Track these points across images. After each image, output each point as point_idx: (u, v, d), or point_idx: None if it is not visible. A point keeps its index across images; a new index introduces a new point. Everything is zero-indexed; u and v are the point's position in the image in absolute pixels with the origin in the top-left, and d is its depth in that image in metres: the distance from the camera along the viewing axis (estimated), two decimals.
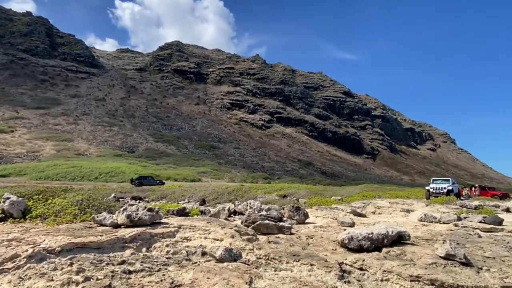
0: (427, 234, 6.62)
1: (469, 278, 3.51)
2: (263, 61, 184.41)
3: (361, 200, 14.37)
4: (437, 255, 4.20)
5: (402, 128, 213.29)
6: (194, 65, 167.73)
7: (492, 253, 4.99)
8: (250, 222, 6.25)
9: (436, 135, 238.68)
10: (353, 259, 4.04)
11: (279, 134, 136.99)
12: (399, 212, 11.16)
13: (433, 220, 8.92)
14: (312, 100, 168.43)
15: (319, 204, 12.08)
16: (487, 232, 7.70)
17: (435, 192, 21.77)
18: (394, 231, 4.86)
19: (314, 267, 3.75)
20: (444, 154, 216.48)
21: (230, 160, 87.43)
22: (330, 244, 5.16)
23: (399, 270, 3.64)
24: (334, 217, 8.20)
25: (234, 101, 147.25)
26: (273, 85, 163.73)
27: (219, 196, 16.99)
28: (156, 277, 3.33)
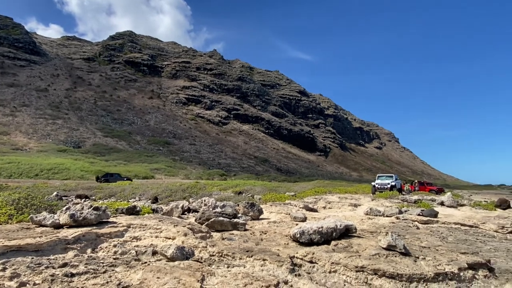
0: (372, 227, 7.06)
1: (408, 267, 3.81)
2: (220, 56, 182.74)
3: (313, 196, 14.91)
4: (380, 247, 4.49)
5: (352, 127, 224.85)
6: (148, 57, 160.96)
7: (428, 243, 5.47)
8: (204, 219, 6.19)
9: (382, 134, 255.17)
10: (303, 252, 4.18)
11: (236, 131, 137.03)
12: (348, 206, 11.77)
13: (378, 213, 9.54)
14: (269, 98, 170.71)
15: (273, 200, 12.31)
16: (424, 224, 8.42)
17: (380, 188, 23.28)
18: (342, 225, 5.12)
19: (267, 262, 3.82)
20: (389, 152, 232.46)
21: (185, 156, 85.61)
22: (282, 239, 5.29)
23: (345, 262, 3.84)
24: (288, 213, 8.41)
25: (190, 96, 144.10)
26: (230, 81, 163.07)
27: (172, 193, 16.56)
28: (101, 279, 3.16)
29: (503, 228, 7.69)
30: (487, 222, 8.31)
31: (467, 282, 3.79)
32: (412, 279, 3.58)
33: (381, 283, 3.52)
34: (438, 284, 3.59)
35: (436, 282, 3.63)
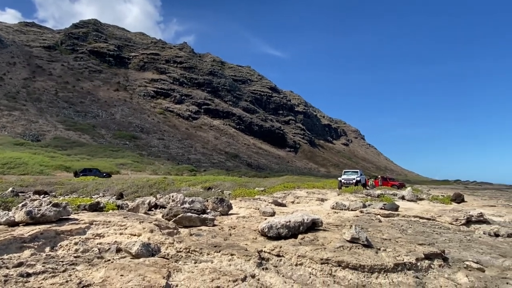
0: (337, 221, 7.30)
1: (369, 258, 3.98)
2: (191, 50, 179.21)
3: (282, 191, 15.13)
4: (344, 239, 4.65)
5: (321, 124, 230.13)
6: (114, 48, 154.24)
7: (389, 235, 5.74)
8: (172, 215, 6.08)
9: (349, 132, 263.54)
10: (271, 246, 4.23)
11: (206, 126, 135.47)
12: (315, 201, 12.07)
13: (343, 207, 9.87)
14: (240, 93, 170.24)
15: (243, 195, 12.35)
16: (386, 217, 8.84)
17: (346, 183, 24.10)
18: (309, 219, 5.24)
19: (235, 257, 3.83)
20: (355, 148, 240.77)
21: (153, 151, 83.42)
22: (251, 233, 5.32)
23: (311, 255, 3.93)
24: (257, 208, 8.47)
25: (159, 90, 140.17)
26: (201, 75, 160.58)
27: (139, 189, 16.09)
28: (60, 278, 3.01)
29: (457, 220, 8.24)
30: (443, 215, 8.86)
31: (423, 271, 4.03)
32: (373, 270, 3.74)
33: (344, 275, 3.65)
34: (397, 274, 3.79)
35: (395, 272, 3.82)
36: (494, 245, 6.14)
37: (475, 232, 7.35)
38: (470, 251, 5.43)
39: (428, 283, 3.75)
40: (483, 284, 3.91)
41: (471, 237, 6.75)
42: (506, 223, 9.05)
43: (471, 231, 7.50)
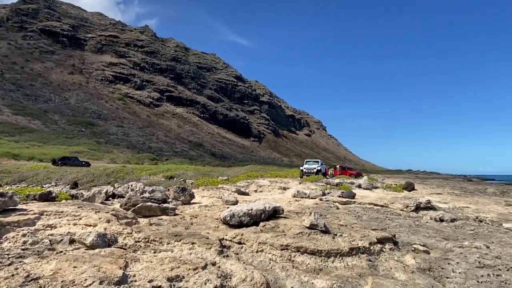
0: (298, 208, 7.50)
1: (327, 243, 4.15)
2: (153, 33, 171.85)
3: (246, 180, 15.24)
4: (304, 226, 4.80)
5: (285, 115, 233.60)
6: (69, 27, 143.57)
7: (345, 222, 6.01)
8: (131, 205, 5.89)
9: (312, 123, 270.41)
10: (233, 234, 4.25)
11: (169, 113, 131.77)
12: (277, 189, 12.30)
13: (304, 196, 10.16)
14: (204, 81, 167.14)
15: (206, 184, 12.27)
16: (344, 204, 9.24)
17: (307, 172, 24.82)
18: (270, 207, 5.33)
19: (196, 245, 3.80)
20: (317, 139, 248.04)
21: (111, 139, 79.78)
22: (213, 222, 5.31)
23: (272, 241, 4.02)
24: (220, 197, 8.46)
25: (118, 74, 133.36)
26: (164, 61, 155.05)
27: (95, 178, 15.35)
28: (5, 272, 2.80)
29: (407, 207, 8.84)
30: (395, 202, 9.45)
31: (376, 255, 4.29)
32: (330, 254, 3.91)
33: (303, 259, 3.78)
34: (352, 258, 3.99)
35: (350, 256, 4.02)
36: (439, 229, 6.68)
37: (423, 218, 7.93)
38: (418, 235, 5.85)
39: (379, 265, 4.00)
40: (428, 264, 4.24)
41: (419, 223, 7.27)
42: (450, 209, 9.87)
43: (419, 217, 8.08)
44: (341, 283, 3.24)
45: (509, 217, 8.99)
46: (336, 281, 3.26)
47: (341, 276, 3.46)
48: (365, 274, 3.59)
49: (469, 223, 7.49)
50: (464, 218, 7.98)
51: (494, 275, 3.99)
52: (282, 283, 3.20)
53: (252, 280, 3.03)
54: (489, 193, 21.07)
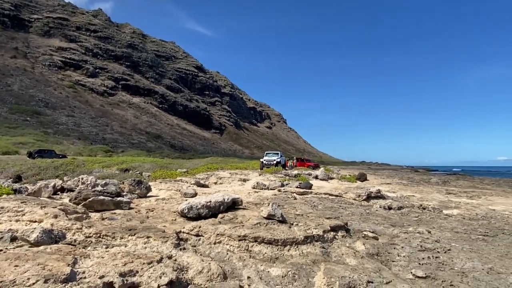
0: (257, 199, 7.61)
1: (283, 233, 4.26)
2: (107, 18, 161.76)
3: (206, 172, 15.10)
4: (262, 216, 4.88)
5: (246, 107, 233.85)
6: (11, 7, 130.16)
7: (301, 211, 6.21)
8: (81, 199, 5.58)
9: (272, 115, 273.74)
10: (190, 227, 4.21)
11: (124, 103, 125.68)
12: (237, 181, 12.35)
13: (263, 187, 10.32)
14: (163, 70, 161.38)
15: (164, 177, 11.96)
16: (301, 195, 9.52)
17: (267, 164, 25.21)
18: (229, 198, 5.34)
19: (151, 239, 3.71)
20: (278, 131, 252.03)
21: (61, 129, 74.48)
22: (170, 215, 5.21)
23: (230, 232, 4.04)
24: (178, 189, 8.30)
25: (68, 60, 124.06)
26: (119, 47, 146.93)
27: (42, 171, 14.29)
28: None
29: (359, 196, 9.34)
30: (349, 192, 9.94)
31: (329, 242, 4.49)
32: (286, 243, 4.03)
33: (260, 249, 3.85)
34: (306, 246, 4.14)
35: (305, 244, 4.17)
36: (387, 216, 7.15)
37: (373, 206, 8.43)
38: (368, 223, 6.22)
39: (332, 252, 4.19)
40: (376, 250, 4.53)
41: (370, 211, 7.73)
42: (398, 198, 10.60)
43: (370, 206, 8.58)
44: (295, 270, 3.36)
45: (449, 204, 9.86)
46: (291, 269, 3.37)
47: (296, 264, 3.58)
48: (318, 261, 3.75)
49: (414, 211, 8.10)
50: (409, 206, 8.62)
51: (434, 257, 4.37)
52: (239, 273, 3.24)
53: (209, 272, 3.04)
54: (432, 183, 22.92)
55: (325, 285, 3.03)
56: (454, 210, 8.47)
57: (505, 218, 7.54)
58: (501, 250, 4.94)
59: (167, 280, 2.72)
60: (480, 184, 23.08)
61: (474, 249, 4.87)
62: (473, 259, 4.33)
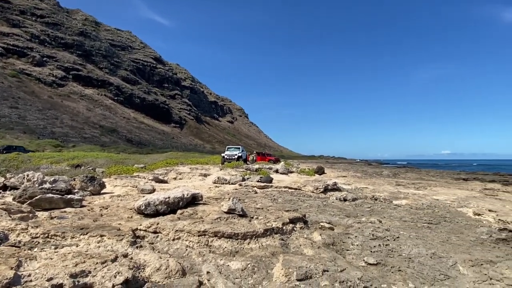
0: (218, 194, 7.58)
1: (243, 226, 4.30)
2: (56, 2, 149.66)
3: (165, 167, 14.71)
4: (222, 211, 4.88)
5: (207, 101, 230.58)
6: None
7: (262, 205, 6.30)
8: (27, 197, 5.19)
9: (234, 110, 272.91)
10: (148, 224, 4.09)
11: (76, 94, 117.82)
12: (198, 176, 12.19)
13: (224, 182, 10.29)
14: (119, 60, 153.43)
15: (119, 173, 11.45)
16: (262, 189, 9.65)
17: (228, 158, 25.16)
18: (189, 194, 5.26)
19: (105, 238, 3.55)
20: (239, 126, 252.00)
21: (3, 122, 68.11)
22: (126, 212, 5.02)
23: (189, 228, 3.99)
24: (135, 185, 8.02)
25: (11, 47, 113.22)
26: (69, 35, 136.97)
27: None
28: None
29: (317, 189, 9.67)
30: (307, 185, 10.25)
31: (288, 234, 4.60)
32: (246, 236, 4.07)
33: (220, 244, 3.85)
34: (266, 238, 4.21)
35: (265, 236, 4.24)
36: (343, 208, 7.49)
37: (330, 198, 8.78)
38: (325, 214, 6.47)
39: (291, 243, 4.31)
40: (331, 240, 4.73)
41: (326, 203, 8.04)
42: (352, 190, 11.13)
43: (327, 198, 8.93)
44: (255, 263, 3.41)
45: (398, 195, 10.55)
46: (250, 261, 3.41)
47: (255, 256, 3.63)
48: (277, 253, 3.83)
49: (367, 202, 8.57)
50: (363, 197, 9.10)
51: (384, 245, 4.67)
52: (198, 268, 3.22)
53: (167, 269, 2.98)
54: (384, 175, 24.37)
55: (283, 275, 3.11)
56: (402, 200, 9.09)
57: (447, 207, 8.24)
58: (442, 236, 5.40)
59: (123, 279, 2.63)
60: (426, 176, 24.99)
61: (419, 236, 5.28)
62: (418, 245, 4.70)
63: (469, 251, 4.64)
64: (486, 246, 5.01)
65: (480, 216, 7.07)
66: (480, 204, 8.61)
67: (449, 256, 4.33)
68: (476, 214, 7.21)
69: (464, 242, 5.16)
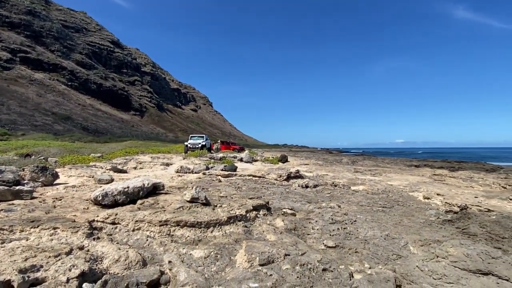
0: (180, 183, 7.45)
1: (207, 215, 4.27)
2: None
3: (124, 157, 14.14)
4: (185, 200, 4.81)
5: (170, 88, 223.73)
6: None
7: (226, 193, 6.30)
8: None
9: (198, 98, 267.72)
10: (105, 214, 3.93)
11: (24, 79, 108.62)
12: (160, 166, 11.88)
13: (188, 171, 10.14)
14: (72, 43, 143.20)
15: (74, 162, 10.83)
16: (226, 177, 9.64)
17: (192, 147, 24.76)
18: (149, 183, 5.11)
19: (58, 230, 3.36)
20: (203, 114, 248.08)
21: None
22: (82, 203, 4.78)
23: (150, 218, 3.89)
24: (91, 175, 7.64)
25: None
26: (15, 14, 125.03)
27: None
28: None
29: (281, 177, 9.85)
30: (271, 173, 10.40)
31: (251, 221, 4.66)
32: (209, 225, 4.05)
33: (182, 233, 3.80)
34: (229, 226, 4.23)
35: (228, 224, 4.26)
36: (304, 194, 7.71)
37: (292, 186, 8.99)
38: (288, 201, 6.63)
39: (254, 230, 4.37)
40: (293, 225, 4.87)
41: (289, 190, 8.23)
42: (314, 177, 11.48)
43: (290, 185, 9.14)
44: (218, 250, 3.42)
45: (356, 181, 11.06)
46: (213, 249, 3.41)
47: (218, 244, 3.64)
48: (240, 239, 3.87)
49: (327, 188, 8.89)
50: (324, 184, 9.42)
51: (342, 228, 4.90)
52: (160, 258, 3.16)
53: (127, 260, 2.89)
54: (343, 163, 25.39)
55: (246, 261, 3.15)
56: (360, 186, 9.55)
57: (400, 191, 8.80)
58: (395, 219, 5.77)
59: (78, 272, 2.51)
60: (382, 163, 26.43)
61: (375, 219, 5.60)
62: (374, 228, 4.98)
63: (419, 232, 5.01)
64: (434, 227, 5.44)
65: (429, 199, 7.63)
66: (429, 188, 9.29)
67: (401, 237, 4.64)
68: (426, 198, 7.78)
69: (414, 224, 5.56)
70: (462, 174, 14.25)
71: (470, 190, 9.47)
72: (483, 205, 6.63)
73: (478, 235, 5.08)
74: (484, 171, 18.66)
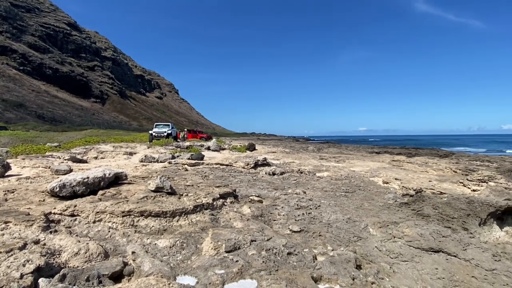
0: (145, 173, 7.24)
1: (172, 204, 4.20)
2: None
3: (83, 146, 13.46)
4: (149, 190, 4.69)
5: (133, 74, 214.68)
6: None
7: (192, 182, 6.22)
8: None
9: (163, 85, 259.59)
10: (63, 206, 3.73)
11: None
12: (123, 155, 11.46)
13: (152, 160, 9.88)
14: (23, 24, 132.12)
15: (28, 152, 10.13)
16: (193, 166, 9.51)
17: (157, 136, 24.13)
18: (111, 173, 4.92)
19: (10, 224, 3.15)
20: (169, 102, 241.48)
21: None
22: (37, 195, 4.51)
23: (112, 209, 3.75)
24: (47, 166, 7.20)
25: None
26: None
27: None
28: None
29: (248, 165, 9.90)
30: (238, 161, 10.41)
31: (218, 209, 4.65)
32: (175, 214, 3.99)
33: (146, 223, 3.72)
34: (196, 214, 4.20)
35: (195, 213, 4.22)
36: (271, 181, 7.82)
37: (260, 173, 9.08)
38: (255, 188, 6.69)
39: (221, 217, 4.38)
40: (260, 212, 4.93)
41: (256, 177, 8.30)
42: (281, 165, 11.65)
43: (257, 173, 9.21)
44: (184, 239, 3.38)
45: (321, 168, 11.39)
46: (179, 238, 3.38)
47: (184, 233, 3.61)
48: (207, 227, 3.86)
49: (293, 175, 9.08)
50: (290, 171, 9.60)
51: (307, 213, 5.04)
52: (123, 249, 3.08)
53: (87, 252, 2.78)
54: (309, 150, 26.01)
55: (212, 249, 3.16)
56: (324, 172, 9.86)
57: (361, 177, 9.19)
58: (357, 203, 6.04)
59: (33, 267, 2.37)
60: (345, 151, 27.40)
61: (338, 204, 5.82)
62: (336, 212, 5.18)
63: (378, 215, 5.29)
64: (391, 210, 5.76)
65: (388, 184, 8.05)
66: (388, 173, 9.79)
67: (362, 220, 4.88)
68: (385, 183, 8.20)
69: (374, 207, 5.85)
70: (418, 159, 15.14)
71: (425, 174, 10.11)
72: (436, 188, 7.12)
73: (431, 216, 5.47)
74: (438, 157, 19.97)
